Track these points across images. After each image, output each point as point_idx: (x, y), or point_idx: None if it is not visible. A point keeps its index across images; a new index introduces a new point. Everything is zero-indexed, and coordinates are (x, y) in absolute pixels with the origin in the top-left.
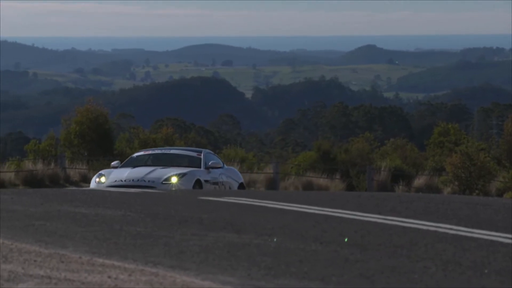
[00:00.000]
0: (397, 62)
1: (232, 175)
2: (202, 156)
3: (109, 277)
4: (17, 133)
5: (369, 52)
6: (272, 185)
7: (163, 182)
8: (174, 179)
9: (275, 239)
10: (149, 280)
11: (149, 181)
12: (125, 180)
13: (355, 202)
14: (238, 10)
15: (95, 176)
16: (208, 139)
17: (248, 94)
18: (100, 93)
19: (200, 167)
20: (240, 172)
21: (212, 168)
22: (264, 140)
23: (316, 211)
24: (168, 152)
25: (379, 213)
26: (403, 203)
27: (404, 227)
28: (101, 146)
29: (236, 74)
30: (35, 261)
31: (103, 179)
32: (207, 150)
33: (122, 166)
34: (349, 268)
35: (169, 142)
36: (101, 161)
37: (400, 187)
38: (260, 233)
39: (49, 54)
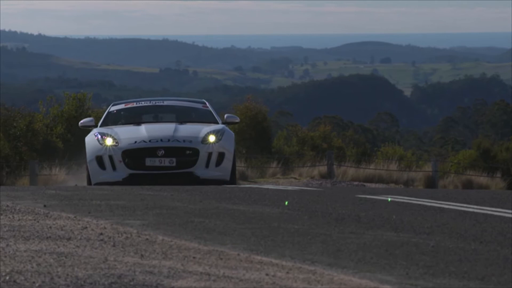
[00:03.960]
0: None
1: None
2: (210, 108)
3: (267, 274)
4: None
5: None
6: (430, 183)
7: (202, 142)
8: (212, 138)
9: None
10: (307, 278)
11: (184, 141)
12: (150, 141)
13: None
14: (397, 6)
15: (93, 136)
16: (366, 137)
17: (407, 92)
18: (259, 90)
19: (216, 122)
20: (398, 170)
21: (229, 123)
22: (422, 138)
23: (476, 210)
24: (162, 104)
25: None
26: None
27: None
28: (259, 143)
29: (394, 71)
30: (194, 257)
31: (110, 141)
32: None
33: (103, 125)
34: (510, 267)
35: (326, 140)
36: (259, 159)
37: None
38: (418, 231)
39: (209, 52)
